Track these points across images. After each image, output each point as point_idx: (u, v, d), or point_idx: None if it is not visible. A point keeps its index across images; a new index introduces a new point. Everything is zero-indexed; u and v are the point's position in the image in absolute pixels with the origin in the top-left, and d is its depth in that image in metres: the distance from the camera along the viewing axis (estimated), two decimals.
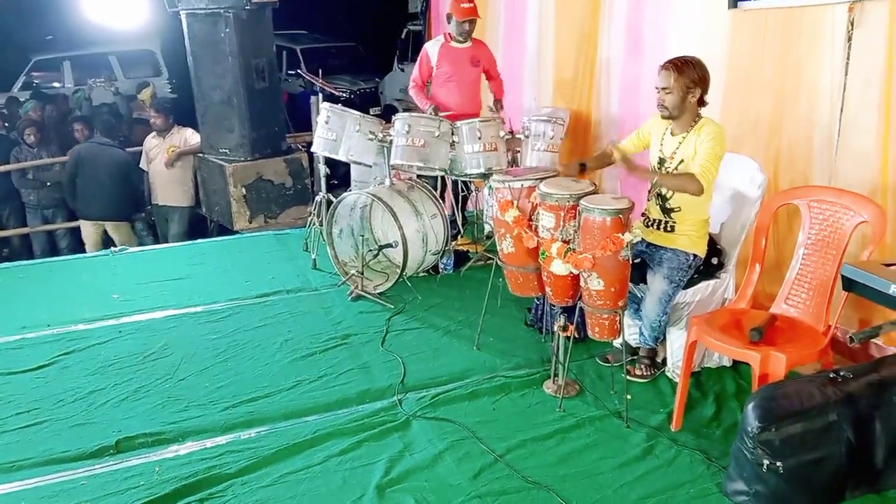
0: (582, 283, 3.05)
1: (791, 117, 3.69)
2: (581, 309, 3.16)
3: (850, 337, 2.11)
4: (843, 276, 2.02)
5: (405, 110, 5.24)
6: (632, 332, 3.46)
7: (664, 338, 3.38)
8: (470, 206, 5.38)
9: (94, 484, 2.73)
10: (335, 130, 4.41)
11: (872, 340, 3.33)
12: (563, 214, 3.06)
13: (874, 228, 2.71)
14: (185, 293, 4.46)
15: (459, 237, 4.87)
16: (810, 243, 2.94)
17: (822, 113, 3.51)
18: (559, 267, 3.06)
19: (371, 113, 4.75)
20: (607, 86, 4.94)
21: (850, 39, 3.33)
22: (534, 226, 3.22)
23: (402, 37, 10.81)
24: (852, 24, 3.30)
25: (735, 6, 3.85)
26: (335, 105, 4.53)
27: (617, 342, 3.54)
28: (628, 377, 3.36)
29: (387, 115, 7.32)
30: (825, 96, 3.48)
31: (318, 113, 4.68)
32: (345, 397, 3.28)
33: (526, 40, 5.74)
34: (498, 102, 4.90)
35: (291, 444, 2.94)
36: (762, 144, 3.83)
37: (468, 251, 4.83)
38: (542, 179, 3.28)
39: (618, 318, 3.07)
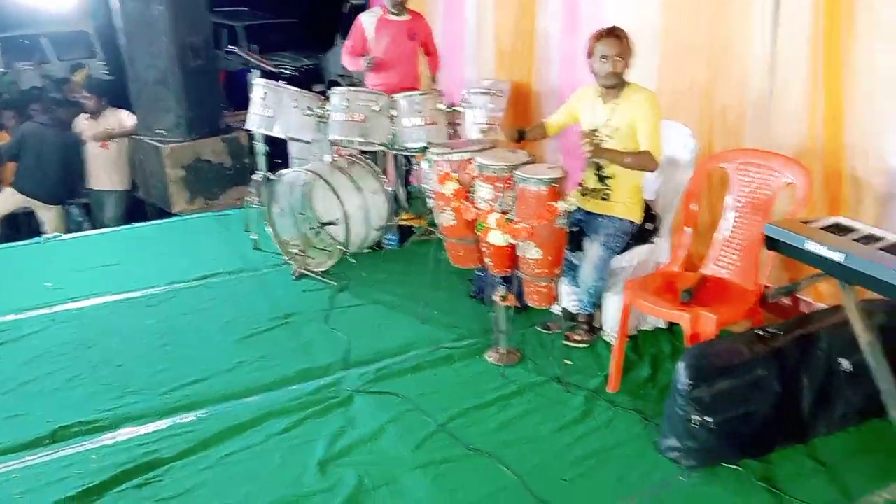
0: (519, 253, 3.07)
1: (725, 83, 3.75)
2: (520, 278, 3.18)
3: (767, 293, 2.17)
4: (765, 235, 2.07)
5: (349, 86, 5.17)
6: (571, 299, 3.49)
7: (602, 303, 3.43)
8: (413, 180, 5.35)
9: (27, 475, 2.66)
10: (272, 107, 4.31)
11: (802, 297, 3.44)
12: (500, 185, 3.06)
13: (800, 189, 2.78)
14: (121, 279, 4.34)
15: (402, 212, 4.83)
16: (739, 206, 3.00)
17: (755, 77, 3.58)
18: (497, 237, 3.07)
19: (314, 89, 4.66)
20: (546, 57, 4.95)
21: (777, 4, 3.39)
22: (472, 197, 3.22)
23: (345, 11, 10.62)
24: None
25: None
26: (271, 81, 4.43)
27: (557, 309, 3.59)
28: (568, 343, 3.41)
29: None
30: (757, 61, 3.54)
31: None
32: (286, 376, 3.25)
33: (465, 13, 5.70)
34: (434, 80, 4.84)
35: (231, 425, 2.90)
36: (697, 110, 3.89)
37: (412, 226, 4.81)
38: (479, 151, 3.27)
39: (554, 286, 3.11)
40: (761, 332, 2.69)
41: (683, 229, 3.14)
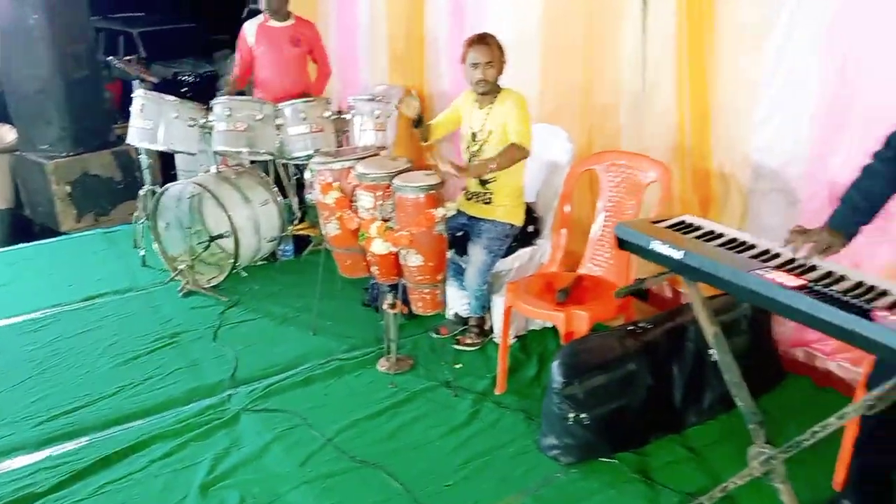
0: (401, 260, 3.08)
1: (601, 85, 3.86)
2: (405, 285, 3.19)
3: (615, 292, 2.26)
4: (616, 236, 2.14)
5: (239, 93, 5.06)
6: (462, 303, 3.54)
7: (490, 306, 3.48)
8: (308, 189, 5.29)
9: None
10: (152, 119, 4.16)
11: (680, 291, 3.58)
12: (380, 194, 3.06)
13: (662, 187, 2.90)
14: (1, 304, 4.12)
15: (296, 222, 4.77)
16: (610, 205, 3.11)
17: (628, 78, 3.70)
18: (379, 246, 3.07)
19: (218, 96, 4.54)
20: (436, 62, 4.99)
21: (645, 6, 3.52)
22: (355, 206, 3.21)
23: (244, 16, 10.39)
24: None
25: None
26: (150, 91, 4.28)
27: (449, 314, 3.62)
28: (458, 346, 3.45)
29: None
30: (629, 62, 3.66)
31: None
32: (171, 398, 3.16)
33: (358, 18, 5.68)
34: (317, 90, 4.75)
35: (111, 452, 2.80)
36: (578, 112, 3.99)
37: (309, 235, 4.76)
38: (360, 159, 3.27)
39: (439, 292, 3.14)
40: (632, 327, 2.79)
41: (558, 231, 3.22)
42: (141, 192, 4.54)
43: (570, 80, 4.00)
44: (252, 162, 4.49)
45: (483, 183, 3.33)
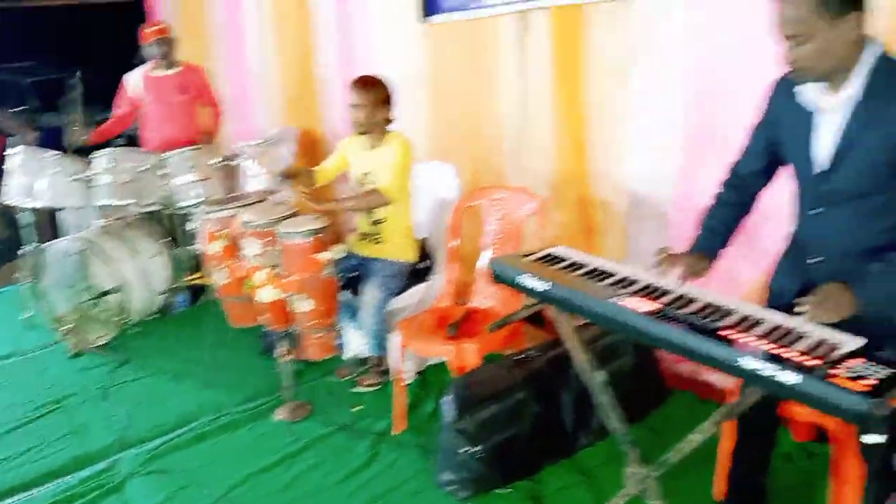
0: (291, 306, 3.05)
1: (487, 120, 3.97)
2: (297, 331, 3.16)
3: (487, 327, 2.31)
4: (490, 270, 2.20)
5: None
6: (361, 344, 3.52)
7: (388, 345, 3.48)
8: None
9: None
10: (32, 174, 4.01)
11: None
12: (266, 240, 3.04)
13: (539, 219, 2.99)
14: None
15: (190, 272, 4.65)
16: (497, 238, 3.18)
17: (510, 114, 3.82)
18: (268, 293, 3.04)
19: (114, 145, 4.41)
20: (329, 102, 5.02)
21: (522, 46, 3.66)
22: (241, 254, 3.17)
23: (136, 62, 10.17)
24: (523, 32, 3.63)
25: (425, 20, 4.06)
26: (29, 146, 4.13)
27: (348, 355, 3.60)
28: (358, 388, 3.43)
29: (129, 145, 6.77)
30: (511, 100, 3.79)
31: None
32: (55, 468, 3.00)
33: (248, 61, 5.66)
34: (207, 135, 4.71)
35: None
36: (466, 148, 4.08)
37: (204, 285, 4.64)
38: (246, 206, 3.24)
39: (332, 336, 3.12)
40: (520, 356, 2.84)
41: (449, 265, 3.27)
42: (24, 252, 4.34)
43: (458, 117, 4.11)
44: (142, 213, 4.36)
45: (374, 223, 3.36)
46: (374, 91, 3.20)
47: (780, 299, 1.98)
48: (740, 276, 2.90)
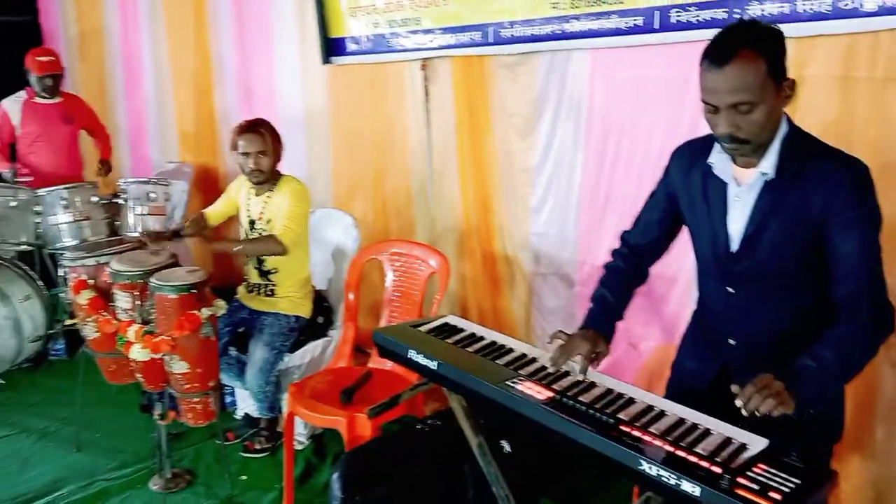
0: (166, 367, 2.76)
1: (392, 168, 3.81)
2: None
3: (368, 411, 2.12)
4: (376, 343, 2.01)
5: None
6: (249, 404, 3.26)
7: (280, 406, 3.23)
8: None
9: None
10: None
11: None
12: (137, 293, 2.75)
13: (440, 276, 2.83)
14: None
15: (68, 317, 4.25)
16: (397, 296, 3.00)
17: (416, 163, 3.67)
18: (138, 352, 2.73)
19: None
20: (227, 139, 4.73)
21: (427, 94, 3.52)
22: (112, 307, 2.86)
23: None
24: (428, 81, 3.49)
25: (328, 62, 3.87)
26: None
27: (238, 415, 3.33)
28: (247, 453, 3.16)
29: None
30: (416, 147, 3.65)
31: None
32: None
33: (145, 93, 5.32)
34: (104, 163, 4.40)
35: None
36: (371, 195, 3.91)
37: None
38: (118, 253, 2.95)
39: (211, 400, 2.83)
40: (420, 426, 2.65)
41: (346, 322, 3.06)
42: None
43: (363, 163, 3.94)
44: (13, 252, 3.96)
45: (265, 274, 3.12)
46: (270, 135, 3.01)
47: (693, 382, 1.87)
48: (648, 341, 2.83)
